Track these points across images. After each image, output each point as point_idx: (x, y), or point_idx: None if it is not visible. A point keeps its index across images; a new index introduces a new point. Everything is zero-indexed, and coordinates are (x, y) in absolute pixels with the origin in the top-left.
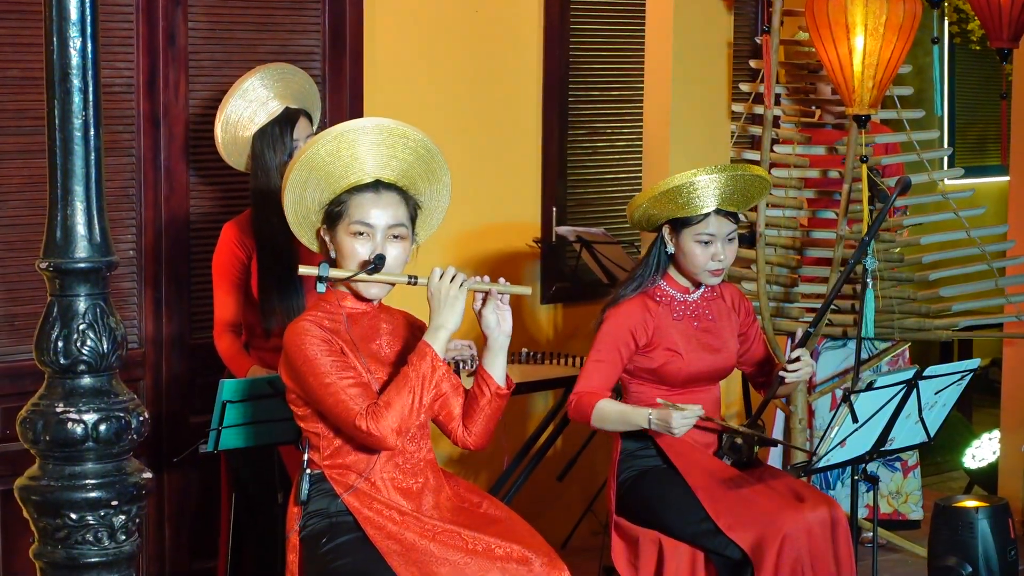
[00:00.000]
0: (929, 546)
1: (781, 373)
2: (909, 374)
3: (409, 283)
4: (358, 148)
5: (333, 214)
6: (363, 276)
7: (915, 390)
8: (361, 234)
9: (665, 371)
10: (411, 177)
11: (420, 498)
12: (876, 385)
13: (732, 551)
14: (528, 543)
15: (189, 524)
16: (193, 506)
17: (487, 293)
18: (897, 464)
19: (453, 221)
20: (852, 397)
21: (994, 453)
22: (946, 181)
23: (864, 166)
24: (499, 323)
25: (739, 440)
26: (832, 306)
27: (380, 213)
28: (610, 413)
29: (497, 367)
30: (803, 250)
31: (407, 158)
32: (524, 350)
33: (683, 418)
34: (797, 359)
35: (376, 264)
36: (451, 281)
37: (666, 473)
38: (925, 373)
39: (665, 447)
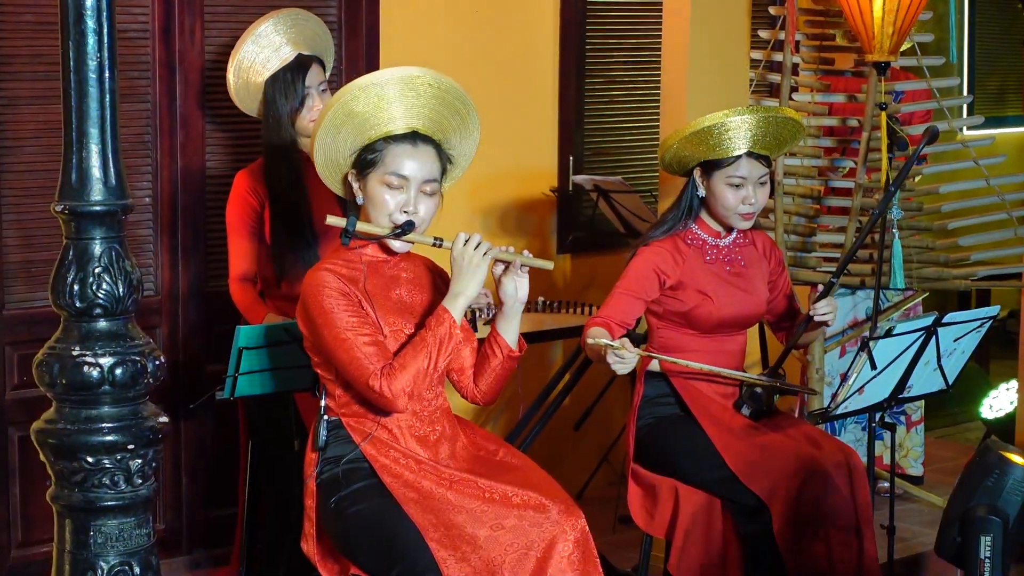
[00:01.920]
0: (959, 487)
1: (810, 313)
2: (928, 321)
3: (434, 245)
4: (400, 97)
5: (366, 161)
6: (390, 236)
7: (934, 337)
8: (395, 186)
9: (695, 315)
10: (446, 131)
11: (437, 447)
12: (895, 332)
13: (748, 498)
14: (544, 490)
15: (206, 472)
16: (211, 454)
17: (509, 263)
18: (901, 418)
19: (471, 170)
20: (871, 344)
21: (1011, 403)
22: (965, 130)
23: (883, 114)
24: (516, 291)
25: (758, 390)
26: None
27: (416, 166)
28: (588, 340)
29: (511, 331)
30: (821, 199)
31: (446, 112)
32: (540, 299)
33: (616, 355)
34: (826, 303)
35: (404, 229)
36: (475, 249)
37: (684, 421)
38: (944, 320)
39: (684, 395)
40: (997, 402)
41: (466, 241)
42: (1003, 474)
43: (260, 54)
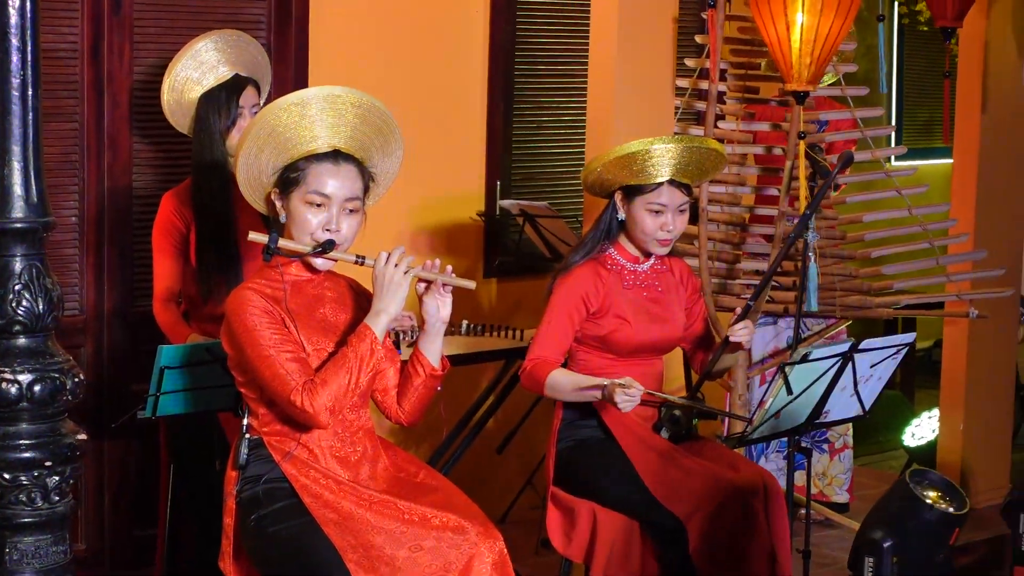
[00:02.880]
0: (870, 513)
1: (727, 335)
2: (844, 347)
3: (356, 263)
4: (322, 116)
5: (289, 180)
6: (311, 254)
7: (850, 363)
8: (317, 204)
9: (613, 339)
10: (368, 150)
11: (358, 467)
12: (811, 357)
13: (667, 521)
14: (463, 512)
15: (129, 492)
16: (134, 474)
17: (431, 282)
18: (824, 446)
19: (398, 193)
20: (787, 368)
21: (933, 431)
22: (892, 161)
23: (802, 142)
24: (439, 310)
25: (677, 412)
26: (773, 283)
27: (338, 184)
28: (563, 384)
29: (433, 350)
30: (746, 227)
31: (368, 131)
32: (465, 322)
33: (626, 396)
34: (743, 324)
35: (324, 248)
36: (396, 267)
37: (604, 444)
38: (861, 346)
39: (605, 418)
40: (919, 430)
41: (387, 259)
42: (902, 502)
43: (197, 70)
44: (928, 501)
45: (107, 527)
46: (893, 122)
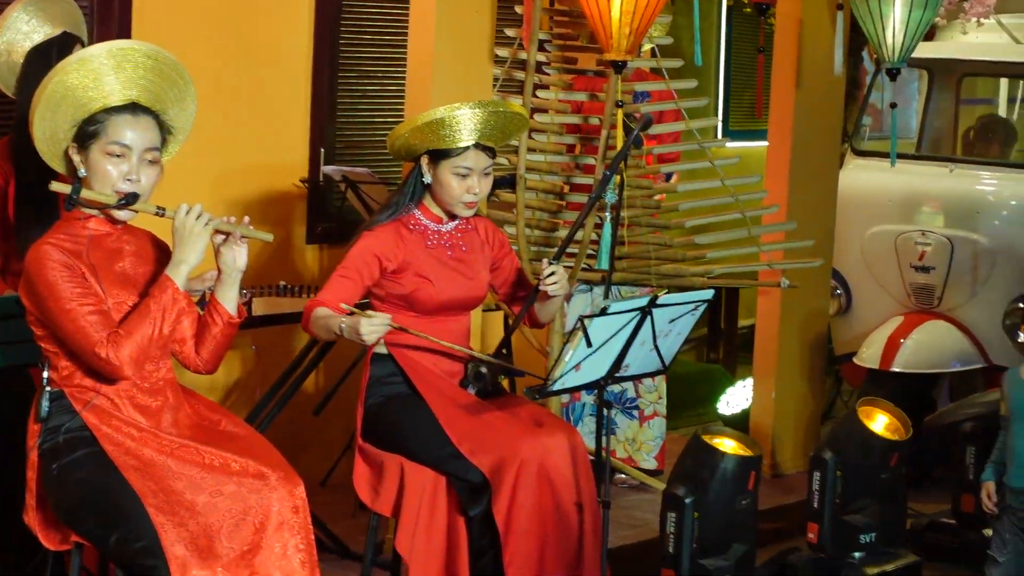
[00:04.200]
0: (673, 473)
1: (539, 286)
2: (643, 302)
3: (157, 214)
4: (117, 69)
5: (87, 133)
6: (116, 206)
7: (649, 318)
8: (118, 156)
9: (416, 297)
10: (164, 102)
11: (159, 416)
12: (610, 311)
13: (473, 475)
14: (264, 459)
15: None
16: None
17: (229, 233)
18: (635, 412)
19: (219, 158)
20: (586, 321)
21: (747, 400)
22: (720, 134)
23: (620, 111)
24: (235, 260)
25: (483, 369)
26: (590, 251)
27: (137, 135)
28: (317, 319)
29: (229, 299)
30: (564, 195)
31: (162, 83)
32: (282, 283)
33: (371, 324)
34: (552, 274)
35: (128, 201)
36: (196, 219)
37: (411, 399)
38: (659, 301)
39: (411, 374)
40: (733, 399)
41: (188, 211)
42: (699, 458)
43: (19, 34)
44: (721, 450)
45: None
46: (720, 104)
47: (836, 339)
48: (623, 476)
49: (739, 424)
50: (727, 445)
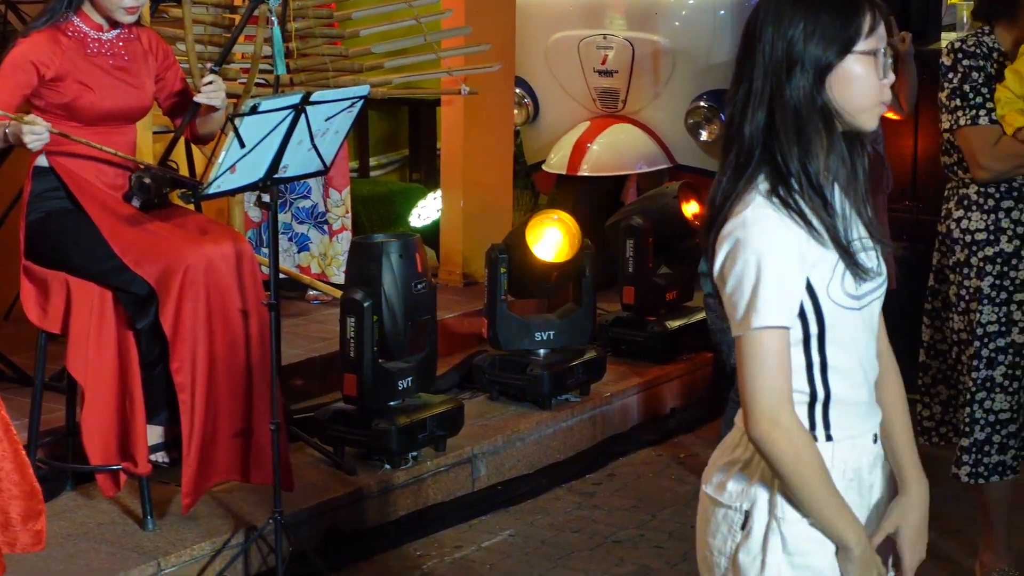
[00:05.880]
0: (345, 281)
1: (195, 97)
2: (296, 99)
3: None
4: None
5: None
6: None
7: (304, 116)
8: None
9: (77, 106)
10: None
11: None
12: (261, 109)
13: (138, 286)
14: None
15: None
16: None
17: None
18: (324, 227)
19: None
20: (236, 121)
21: (437, 211)
22: None
23: None
24: None
25: (147, 180)
26: (266, 66)
27: None
28: None
29: None
30: (236, 8)
31: None
32: None
33: (33, 133)
34: (211, 83)
35: None
36: None
37: (73, 214)
38: (312, 99)
39: (72, 187)
40: (425, 211)
41: None
42: (361, 256)
43: None
44: (379, 241)
45: None
46: None
47: (527, 148)
48: (315, 292)
49: (430, 236)
50: (381, 237)
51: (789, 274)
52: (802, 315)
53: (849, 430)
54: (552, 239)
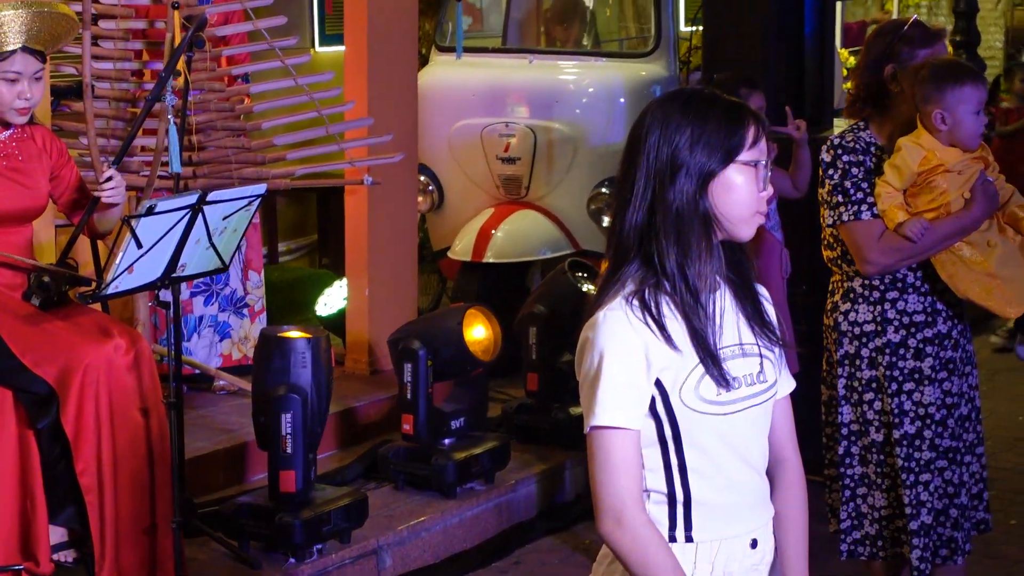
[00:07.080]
0: (256, 377)
1: (96, 193)
2: (192, 199)
3: None
4: None
5: None
6: None
7: (201, 215)
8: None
9: None
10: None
11: None
12: (157, 210)
13: (39, 386)
14: None
15: None
16: None
17: None
18: (245, 311)
19: None
20: (132, 221)
21: (343, 300)
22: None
23: (176, 12)
24: None
25: (47, 279)
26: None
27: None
28: None
29: None
30: (136, 102)
31: None
32: None
33: None
34: (110, 179)
35: None
36: None
37: None
38: (209, 198)
39: None
40: (331, 300)
41: None
42: (286, 352)
43: None
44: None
45: None
46: (315, 7)
47: (432, 235)
48: (222, 383)
49: (336, 324)
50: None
51: (631, 376)
52: (656, 416)
53: (714, 533)
54: (481, 335)
